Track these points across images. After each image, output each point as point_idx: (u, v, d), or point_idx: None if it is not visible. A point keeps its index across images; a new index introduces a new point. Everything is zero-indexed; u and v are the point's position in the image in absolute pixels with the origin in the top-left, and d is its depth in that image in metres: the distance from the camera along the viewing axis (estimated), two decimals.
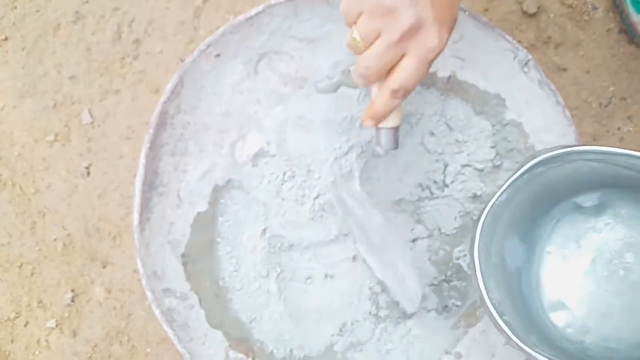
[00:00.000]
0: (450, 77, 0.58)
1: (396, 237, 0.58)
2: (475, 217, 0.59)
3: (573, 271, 0.53)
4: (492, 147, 0.59)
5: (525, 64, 0.55)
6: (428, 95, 0.59)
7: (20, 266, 0.65)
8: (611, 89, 0.64)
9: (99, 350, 0.64)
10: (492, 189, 0.59)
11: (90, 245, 0.64)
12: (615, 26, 0.64)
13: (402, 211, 0.60)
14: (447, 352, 0.59)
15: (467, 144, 0.59)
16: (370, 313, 0.60)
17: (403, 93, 0.43)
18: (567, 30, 0.64)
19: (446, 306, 0.59)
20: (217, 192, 0.59)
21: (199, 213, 0.59)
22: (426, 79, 0.59)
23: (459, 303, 0.59)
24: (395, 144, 0.48)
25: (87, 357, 0.64)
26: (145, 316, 0.63)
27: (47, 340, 0.64)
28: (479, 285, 0.45)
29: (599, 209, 0.52)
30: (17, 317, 0.64)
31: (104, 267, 0.64)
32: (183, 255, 0.58)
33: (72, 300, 0.64)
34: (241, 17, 0.55)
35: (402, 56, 0.41)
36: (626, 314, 0.51)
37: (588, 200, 0.53)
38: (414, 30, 0.39)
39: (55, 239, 0.65)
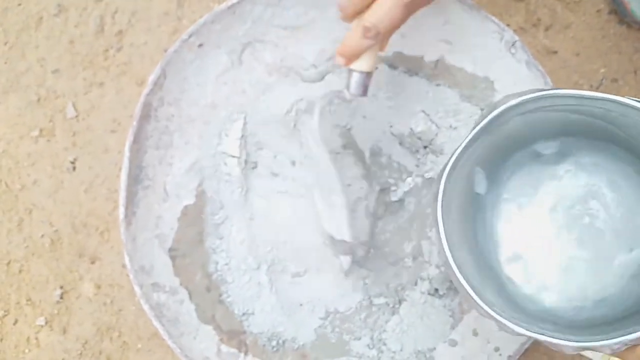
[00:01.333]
0: (438, 61, 0.57)
1: (336, 182, 0.56)
2: None
3: (531, 220, 0.51)
4: None
5: (512, 45, 0.55)
6: (414, 83, 0.58)
7: (8, 264, 0.64)
8: (602, 70, 0.63)
9: (90, 346, 0.63)
10: None
11: (78, 241, 0.63)
12: (605, 7, 0.63)
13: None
14: (442, 340, 0.59)
15: (458, 130, 0.59)
16: (362, 303, 0.59)
17: (374, 33, 0.42)
18: (556, 12, 0.63)
19: (437, 289, 0.59)
20: (204, 185, 0.59)
21: (186, 206, 0.58)
22: (413, 65, 0.58)
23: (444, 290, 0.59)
24: (364, 91, 0.47)
25: (77, 354, 0.63)
26: (136, 311, 0.63)
27: (37, 338, 0.63)
28: (441, 242, 0.43)
29: (558, 157, 0.50)
30: (6, 315, 0.64)
31: (93, 262, 0.63)
32: (171, 249, 0.57)
33: (61, 297, 0.63)
34: (223, 5, 0.54)
35: None
36: (590, 267, 0.49)
37: (547, 147, 0.51)
38: None
39: (42, 236, 0.64)
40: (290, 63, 0.58)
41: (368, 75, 0.47)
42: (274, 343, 0.58)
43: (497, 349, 0.57)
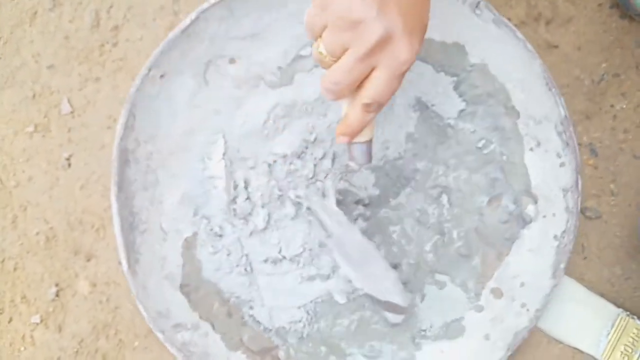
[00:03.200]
0: None
1: (375, 252, 0.56)
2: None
3: None
4: (460, 98, 0.58)
5: (476, 6, 0.54)
6: None
7: (3, 261, 0.63)
8: (603, 65, 0.62)
9: (86, 345, 0.62)
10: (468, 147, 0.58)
11: (74, 238, 0.63)
12: (607, 0, 0.62)
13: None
14: (469, 309, 0.59)
15: (435, 105, 0.58)
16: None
17: (376, 107, 0.41)
18: (557, 6, 0.62)
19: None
20: (199, 214, 0.58)
21: (186, 239, 0.57)
22: None
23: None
24: (369, 158, 0.46)
25: (73, 352, 0.62)
26: (132, 309, 0.62)
27: (32, 336, 0.63)
28: None
29: None
30: (1, 313, 0.63)
31: (88, 260, 0.63)
32: (182, 286, 0.57)
33: (57, 295, 0.63)
34: (176, 30, 0.53)
35: (373, 69, 0.39)
36: None
37: None
38: (383, 43, 0.37)
39: (37, 233, 0.63)
40: (257, 71, 0.57)
41: (370, 142, 0.46)
42: (309, 345, 0.58)
43: (523, 305, 0.57)
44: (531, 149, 0.57)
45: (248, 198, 0.57)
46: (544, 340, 0.60)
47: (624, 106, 0.62)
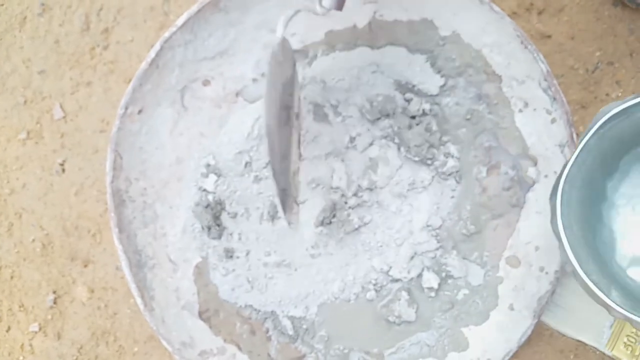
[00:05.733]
0: (370, 23, 0.56)
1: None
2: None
3: None
4: (439, 73, 0.57)
5: None
6: (357, 55, 0.57)
7: None
8: (597, 54, 0.62)
9: (85, 351, 0.62)
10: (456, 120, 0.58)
11: (70, 244, 0.62)
12: None
13: None
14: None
15: (415, 86, 0.58)
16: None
17: None
18: None
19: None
20: (206, 238, 0.57)
21: (196, 266, 0.57)
22: (348, 38, 0.56)
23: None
24: (339, 4, 0.42)
25: (73, 359, 0.62)
26: (131, 314, 0.61)
27: (31, 345, 0.62)
28: (568, 258, 0.45)
29: None
30: None
31: (85, 265, 0.62)
32: (201, 313, 0.56)
33: (55, 302, 0.62)
34: (143, 64, 0.53)
35: None
36: None
37: None
38: None
39: (33, 240, 0.63)
40: (233, 87, 0.57)
41: None
42: (340, 347, 0.58)
43: (542, 269, 0.56)
44: (520, 111, 0.56)
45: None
46: (547, 334, 0.60)
47: (620, 94, 0.62)
